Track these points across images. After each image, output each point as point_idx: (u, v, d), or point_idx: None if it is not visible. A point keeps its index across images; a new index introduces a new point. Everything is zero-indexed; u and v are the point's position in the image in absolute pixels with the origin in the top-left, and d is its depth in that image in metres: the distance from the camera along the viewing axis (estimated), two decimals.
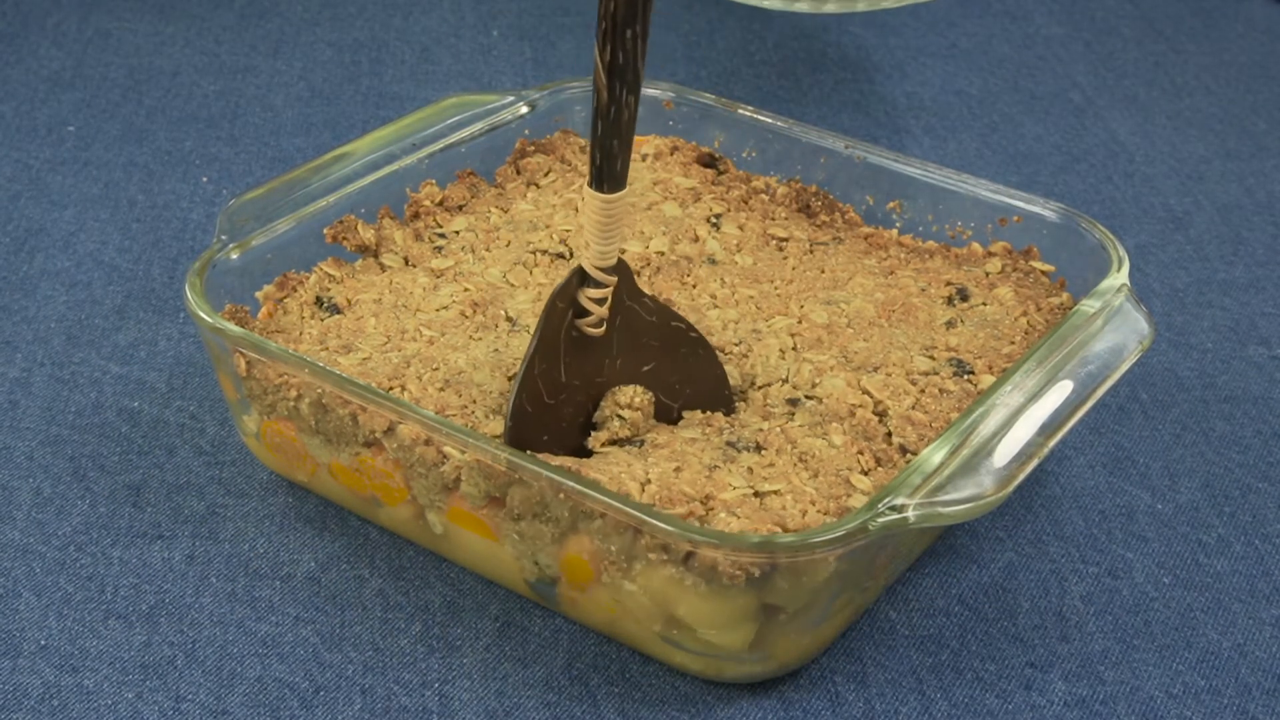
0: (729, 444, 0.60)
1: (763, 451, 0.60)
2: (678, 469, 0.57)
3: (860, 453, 0.60)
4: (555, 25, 1.16)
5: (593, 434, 0.62)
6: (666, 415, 0.63)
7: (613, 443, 0.61)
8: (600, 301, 0.61)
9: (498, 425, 0.61)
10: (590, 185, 0.59)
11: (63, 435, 0.72)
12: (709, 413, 0.63)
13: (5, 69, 1.07)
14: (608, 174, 0.58)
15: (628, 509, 0.54)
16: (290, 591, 0.64)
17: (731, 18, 1.16)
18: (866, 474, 0.59)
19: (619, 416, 0.62)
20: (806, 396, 0.63)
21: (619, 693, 0.59)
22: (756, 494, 0.57)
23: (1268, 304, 0.83)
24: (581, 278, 0.61)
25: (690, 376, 0.64)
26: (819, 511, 0.56)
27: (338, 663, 0.60)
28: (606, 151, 0.58)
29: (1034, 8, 1.20)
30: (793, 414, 0.62)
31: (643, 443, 0.61)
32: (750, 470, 0.58)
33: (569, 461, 0.58)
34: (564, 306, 0.61)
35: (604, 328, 0.61)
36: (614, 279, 0.60)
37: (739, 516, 0.55)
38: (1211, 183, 0.96)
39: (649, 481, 0.57)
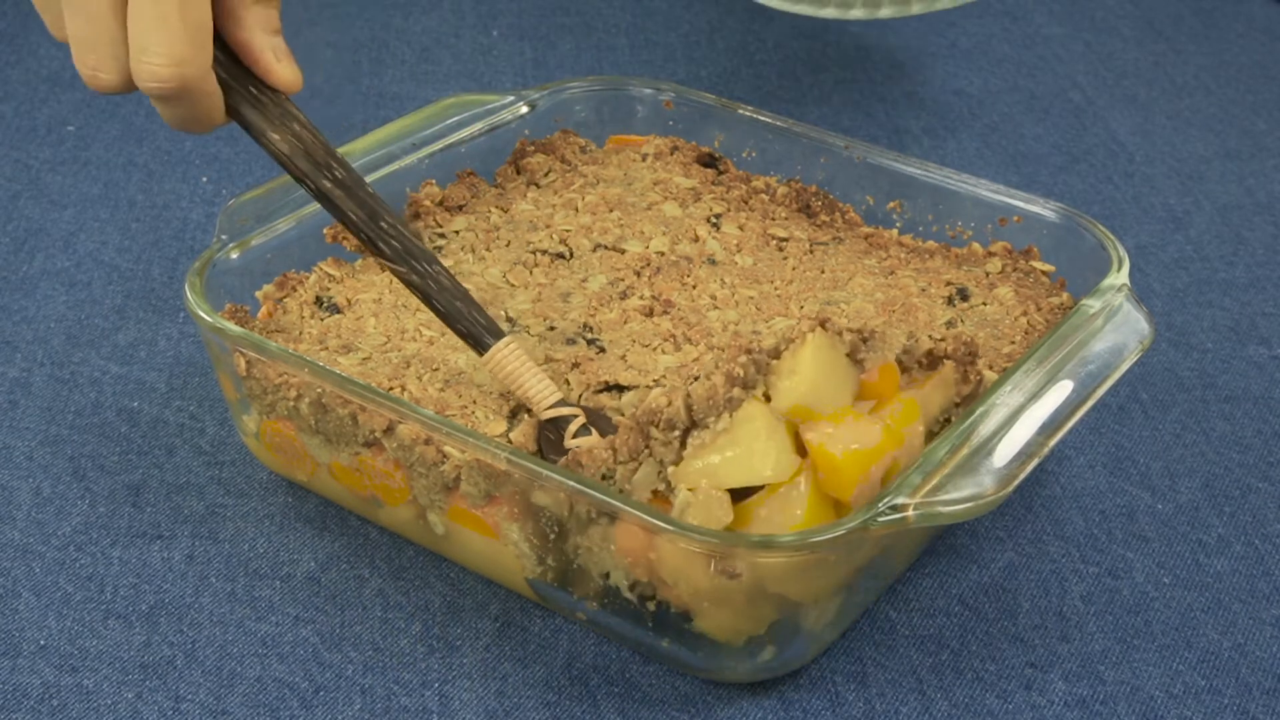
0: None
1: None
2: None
3: None
4: (555, 25, 1.16)
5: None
6: None
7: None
8: (585, 430, 0.60)
9: (498, 425, 0.61)
10: (478, 352, 0.61)
11: (62, 435, 0.72)
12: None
13: (5, 69, 1.07)
14: (482, 333, 0.61)
15: (628, 508, 0.54)
16: (290, 591, 0.64)
17: (731, 18, 1.16)
18: None
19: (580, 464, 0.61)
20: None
21: (619, 693, 0.59)
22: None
23: (1268, 304, 0.83)
24: (553, 428, 0.60)
25: None
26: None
27: (338, 663, 0.60)
28: (460, 317, 0.61)
29: (1034, 8, 1.20)
30: None
31: None
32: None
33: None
34: (558, 459, 0.59)
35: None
36: (578, 409, 0.61)
37: None
38: (1211, 183, 0.96)
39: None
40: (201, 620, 0.62)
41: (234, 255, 0.69)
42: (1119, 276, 0.66)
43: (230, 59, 0.60)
